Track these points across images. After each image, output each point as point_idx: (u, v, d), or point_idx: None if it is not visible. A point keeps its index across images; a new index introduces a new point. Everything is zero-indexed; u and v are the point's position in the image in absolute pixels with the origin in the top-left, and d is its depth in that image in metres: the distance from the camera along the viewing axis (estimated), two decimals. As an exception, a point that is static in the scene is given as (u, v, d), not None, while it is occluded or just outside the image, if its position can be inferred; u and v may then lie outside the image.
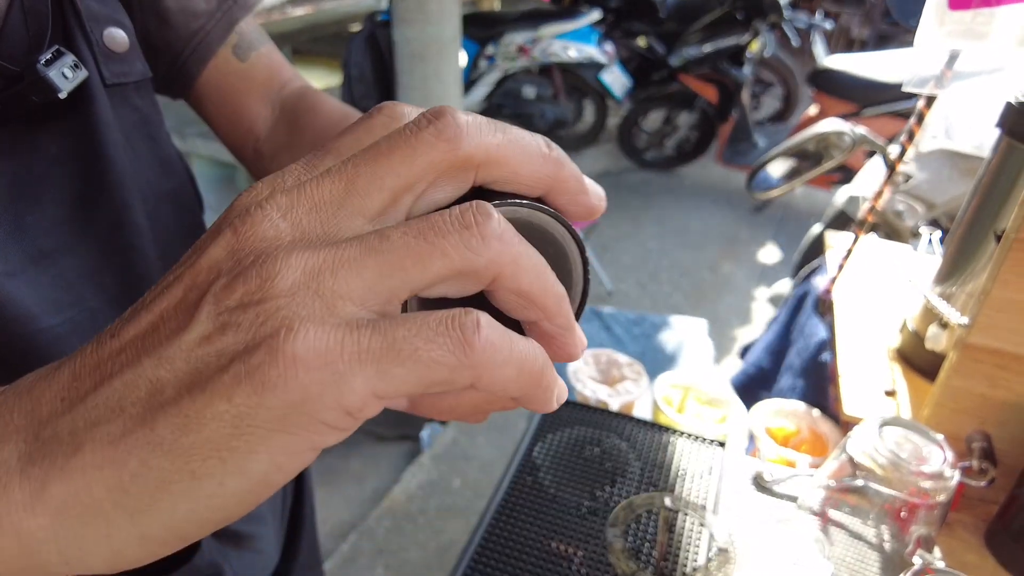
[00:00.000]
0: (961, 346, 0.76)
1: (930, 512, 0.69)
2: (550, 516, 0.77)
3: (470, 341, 0.20)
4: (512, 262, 0.21)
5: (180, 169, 0.60)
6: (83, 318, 0.49)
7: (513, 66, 4.45)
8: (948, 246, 0.92)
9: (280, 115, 0.64)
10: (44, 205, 0.47)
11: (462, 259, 0.20)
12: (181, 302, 0.20)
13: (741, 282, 3.40)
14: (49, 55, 0.44)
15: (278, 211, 0.21)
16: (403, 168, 0.22)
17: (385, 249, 0.20)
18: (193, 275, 0.21)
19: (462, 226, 0.20)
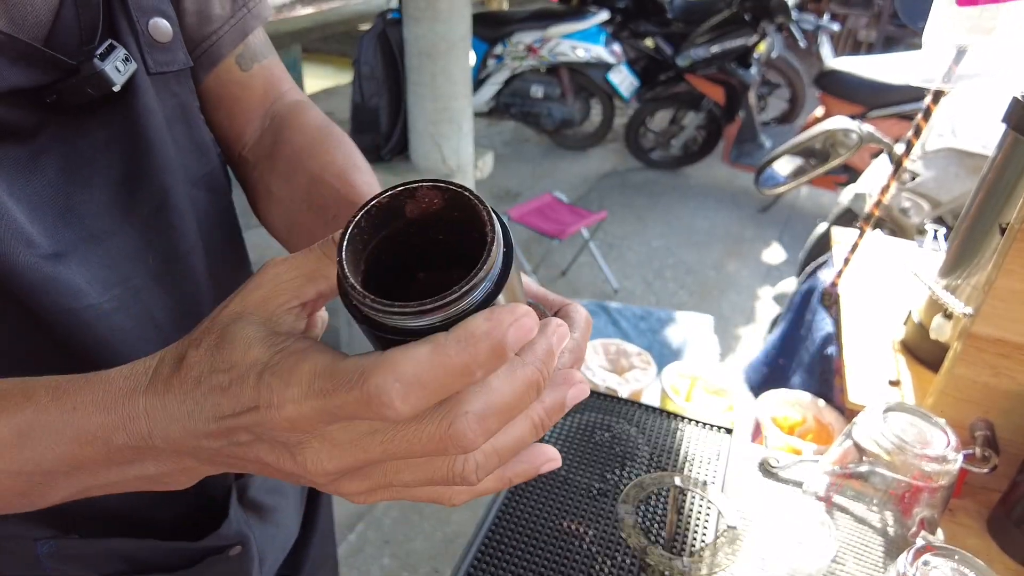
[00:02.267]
0: (965, 336, 0.78)
1: (933, 495, 0.71)
2: (561, 497, 0.78)
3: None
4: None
5: (214, 155, 0.62)
6: (128, 296, 0.51)
7: (521, 65, 4.47)
8: (953, 240, 0.94)
9: (268, 126, 0.66)
10: (92, 188, 0.49)
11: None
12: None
13: (746, 281, 3.42)
14: (103, 48, 0.46)
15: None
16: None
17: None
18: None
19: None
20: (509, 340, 0.26)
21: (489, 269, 0.26)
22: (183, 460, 0.32)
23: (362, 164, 0.60)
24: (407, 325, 0.26)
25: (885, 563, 0.76)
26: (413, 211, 0.29)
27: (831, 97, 3.32)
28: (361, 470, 0.29)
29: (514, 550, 0.72)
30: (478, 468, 0.29)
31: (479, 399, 0.27)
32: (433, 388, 0.25)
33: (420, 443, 0.27)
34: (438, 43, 3.10)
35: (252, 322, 0.30)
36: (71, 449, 0.32)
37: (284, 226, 0.61)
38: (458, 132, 3.22)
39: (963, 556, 0.60)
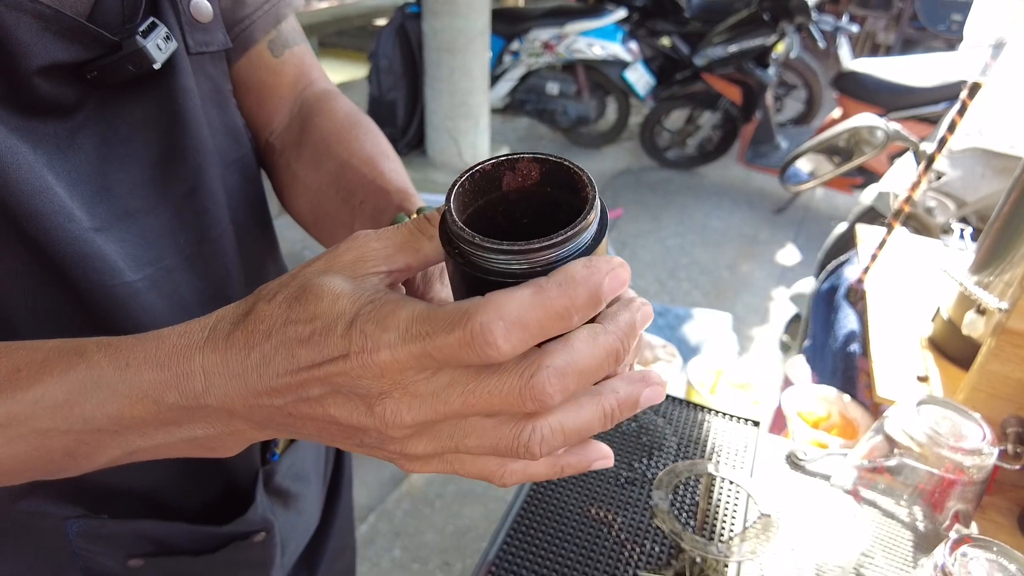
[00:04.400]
0: (1000, 331, 0.77)
1: (967, 489, 0.70)
2: (589, 484, 0.79)
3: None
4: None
5: (246, 140, 0.62)
6: (160, 276, 0.51)
7: (537, 62, 4.47)
8: (985, 237, 0.94)
9: (296, 113, 0.66)
10: (129, 167, 0.49)
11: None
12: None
13: (760, 282, 3.41)
14: (144, 26, 0.46)
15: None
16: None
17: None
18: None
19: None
20: (605, 287, 0.26)
21: (592, 220, 0.27)
22: (234, 423, 0.32)
23: (390, 151, 0.61)
24: (509, 267, 0.27)
25: (915, 557, 0.75)
26: (510, 183, 0.30)
27: (849, 99, 3.30)
28: (433, 427, 0.30)
29: (543, 535, 0.72)
30: (543, 441, 0.29)
31: (561, 356, 0.27)
32: (533, 329, 0.26)
33: (500, 395, 0.27)
34: (457, 38, 3.10)
35: (340, 277, 0.30)
36: (121, 407, 0.32)
37: (311, 212, 0.61)
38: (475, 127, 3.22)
39: (1001, 548, 0.60)
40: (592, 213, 0.27)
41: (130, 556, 0.56)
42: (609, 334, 0.28)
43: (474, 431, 0.29)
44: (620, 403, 0.30)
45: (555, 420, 0.29)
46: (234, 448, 0.35)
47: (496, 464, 0.32)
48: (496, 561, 0.69)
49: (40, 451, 0.33)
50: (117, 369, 0.32)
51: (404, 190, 0.55)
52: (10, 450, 0.33)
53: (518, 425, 0.29)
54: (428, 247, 0.32)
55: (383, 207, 0.54)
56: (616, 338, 0.28)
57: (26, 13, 0.40)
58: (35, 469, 0.35)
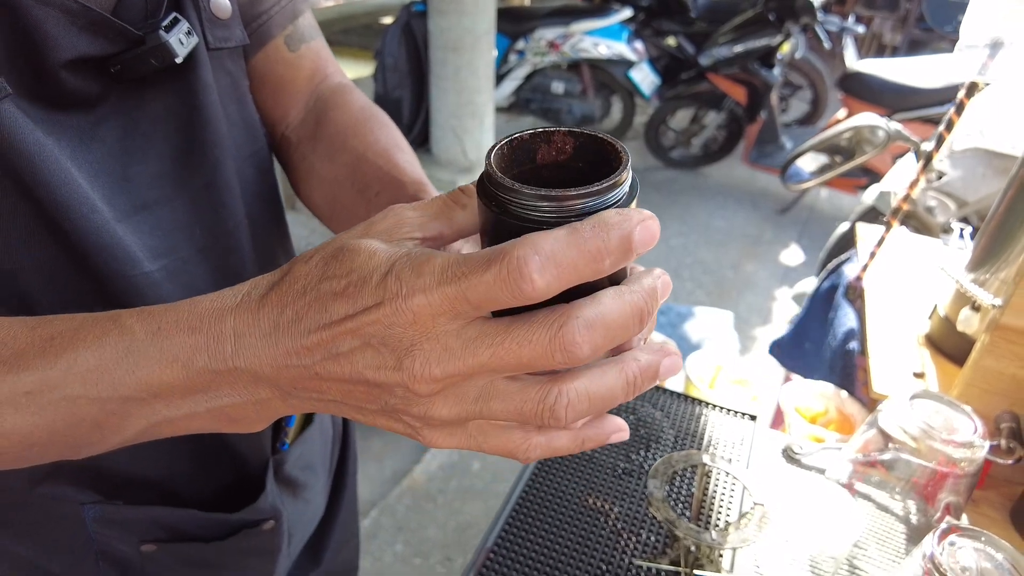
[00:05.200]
0: (994, 327, 0.78)
1: (959, 482, 0.71)
2: (587, 475, 0.80)
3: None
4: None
5: (261, 134, 0.63)
6: (176, 266, 0.53)
7: (542, 61, 4.48)
8: (981, 235, 0.94)
9: (312, 107, 0.67)
10: (147, 159, 0.51)
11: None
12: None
13: (763, 282, 3.41)
14: (167, 21, 0.47)
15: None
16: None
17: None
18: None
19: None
20: (637, 235, 0.27)
21: (625, 179, 0.29)
22: (260, 389, 0.32)
23: (404, 144, 0.62)
24: (545, 215, 0.28)
25: (908, 550, 0.76)
26: (544, 156, 0.31)
27: (854, 99, 3.30)
28: (461, 386, 0.29)
29: (540, 524, 0.73)
30: (569, 405, 0.29)
31: (590, 308, 0.27)
32: (567, 268, 0.26)
33: (529, 347, 0.27)
34: (463, 37, 3.11)
35: (377, 240, 0.31)
36: (152, 372, 0.32)
37: (327, 204, 0.62)
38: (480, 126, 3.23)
39: (990, 538, 0.61)
40: (626, 172, 0.29)
41: (143, 541, 0.57)
42: (635, 293, 0.29)
43: (500, 394, 0.29)
44: (642, 370, 0.30)
45: (581, 384, 0.29)
46: (257, 421, 0.35)
47: (520, 438, 0.32)
48: (494, 548, 0.71)
49: (69, 420, 0.33)
50: (149, 334, 0.32)
51: (419, 181, 0.56)
52: (40, 419, 0.33)
53: (544, 387, 0.29)
54: (461, 217, 0.33)
55: (398, 198, 0.54)
56: (641, 297, 0.29)
57: (54, 7, 0.41)
58: (62, 442, 0.35)
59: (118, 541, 0.56)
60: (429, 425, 0.31)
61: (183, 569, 0.60)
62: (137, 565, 0.58)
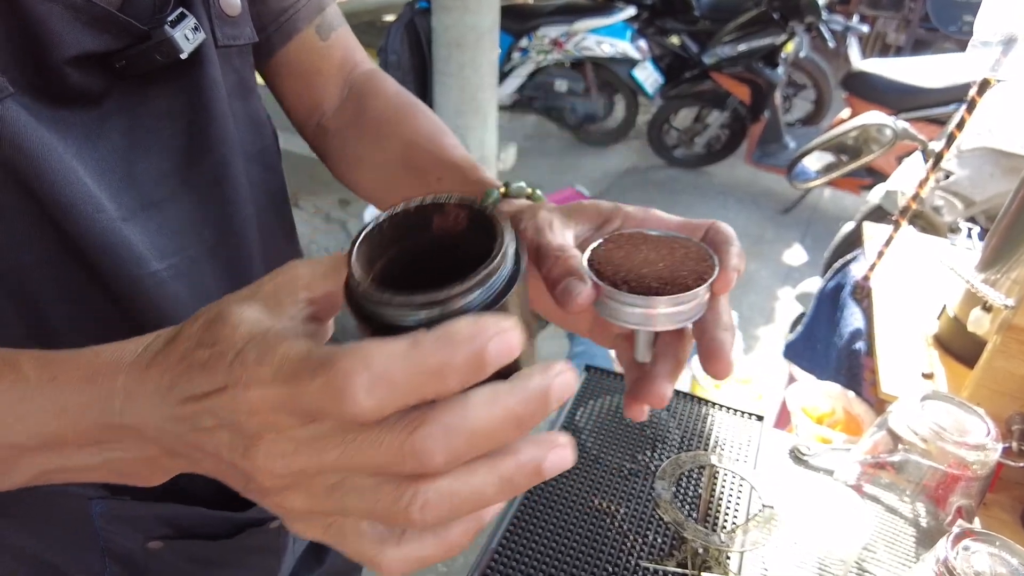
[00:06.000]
0: (1006, 328, 0.77)
1: (970, 484, 0.70)
2: (592, 475, 0.79)
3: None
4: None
5: (268, 131, 0.63)
6: (184, 265, 0.52)
7: (546, 59, 4.47)
8: (992, 236, 0.93)
9: (349, 94, 0.67)
10: (153, 156, 0.50)
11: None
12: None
13: (766, 282, 3.40)
14: (173, 16, 0.47)
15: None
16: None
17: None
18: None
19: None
20: (491, 350, 0.24)
21: (488, 277, 0.26)
22: (147, 447, 0.31)
23: (446, 127, 0.63)
24: (396, 319, 0.26)
25: (917, 553, 0.75)
26: (439, 225, 0.30)
27: (858, 99, 3.28)
28: (311, 481, 0.27)
29: (545, 525, 0.72)
30: (425, 506, 0.25)
31: (451, 413, 0.24)
32: (402, 387, 0.23)
33: (378, 451, 0.24)
34: (467, 34, 3.10)
35: (254, 305, 0.29)
36: (42, 421, 0.31)
37: (379, 187, 0.65)
38: (483, 124, 3.22)
39: (1004, 542, 0.60)
40: (493, 265, 0.26)
41: (149, 538, 0.56)
42: (513, 397, 0.25)
43: (354, 490, 0.26)
44: (520, 467, 0.26)
45: (443, 484, 0.25)
46: (152, 477, 0.34)
47: (373, 547, 0.28)
48: (498, 549, 0.70)
49: None
50: (43, 382, 0.31)
51: (471, 163, 0.57)
52: None
53: (400, 487, 0.25)
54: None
55: (459, 184, 0.56)
56: (520, 402, 0.25)
57: (58, 3, 0.41)
58: None
59: (123, 538, 0.56)
60: (287, 513, 0.29)
61: (188, 566, 0.59)
62: (142, 562, 0.57)
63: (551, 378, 0.26)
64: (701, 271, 0.42)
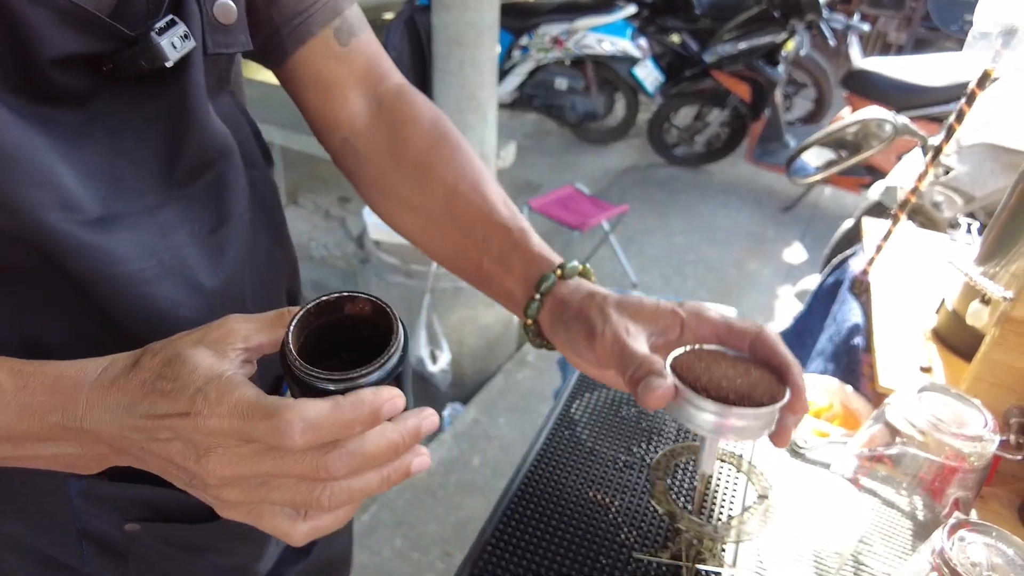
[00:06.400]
0: (1004, 320, 0.77)
1: (967, 476, 0.70)
2: (587, 467, 0.78)
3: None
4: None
5: (245, 126, 0.61)
6: (172, 264, 0.51)
7: (546, 57, 4.47)
8: (991, 228, 0.93)
9: (379, 115, 0.65)
10: (140, 159, 0.50)
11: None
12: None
13: (766, 279, 3.40)
14: (163, 23, 0.46)
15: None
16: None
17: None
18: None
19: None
20: (384, 410, 0.37)
21: (383, 365, 0.38)
22: (99, 447, 0.40)
23: (485, 171, 0.64)
24: (320, 387, 0.37)
25: (914, 546, 0.75)
26: (351, 310, 0.42)
27: (858, 98, 3.28)
28: (245, 481, 0.37)
29: (539, 517, 0.72)
30: (331, 497, 0.37)
31: (353, 442, 0.37)
32: (324, 432, 0.35)
33: (300, 466, 0.36)
34: (467, 31, 3.09)
35: (206, 351, 0.39)
36: (9, 419, 0.39)
37: (422, 234, 0.66)
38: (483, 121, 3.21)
39: (1001, 533, 0.59)
40: (388, 357, 0.39)
41: (126, 520, 0.56)
42: (396, 432, 0.38)
43: (280, 487, 0.38)
44: (395, 470, 0.40)
45: (344, 483, 0.37)
46: (95, 468, 0.43)
47: (287, 524, 0.40)
48: (492, 540, 0.69)
49: None
50: (17, 389, 0.40)
51: (522, 228, 0.60)
52: None
53: (315, 484, 0.37)
54: (281, 333, 0.41)
55: (508, 250, 0.60)
56: (400, 436, 0.38)
57: (44, 6, 0.41)
58: None
59: (101, 520, 0.55)
60: (220, 502, 0.39)
61: (167, 550, 0.59)
62: (120, 545, 0.57)
63: (422, 419, 0.40)
64: (774, 392, 0.50)
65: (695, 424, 0.50)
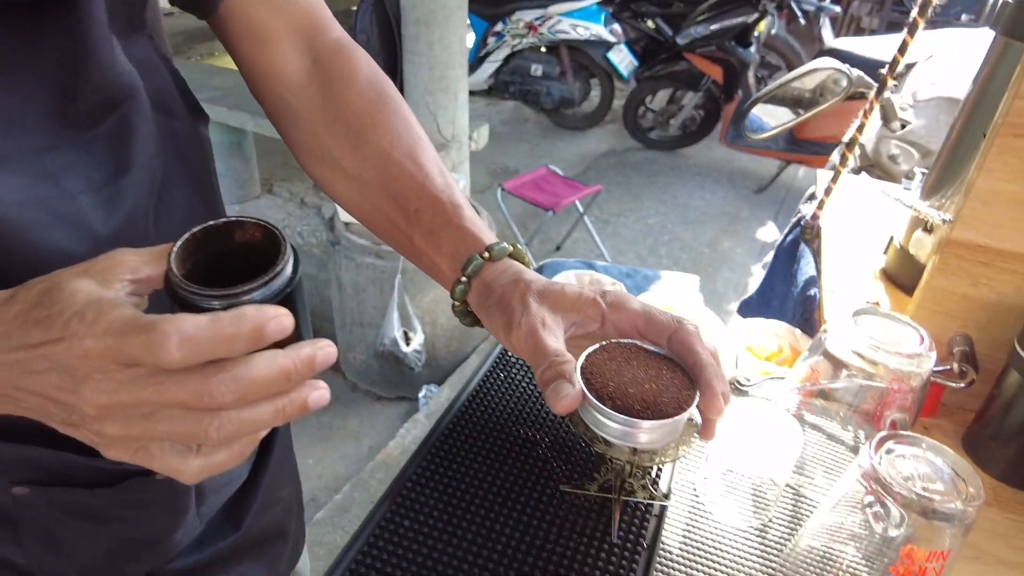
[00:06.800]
0: (944, 243, 0.75)
1: (905, 397, 0.68)
2: (519, 407, 0.76)
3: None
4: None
5: (163, 73, 0.57)
6: (68, 211, 0.47)
7: (521, 43, 4.44)
8: (934, 165, 0.91)
9: (314, 70, 0.61)
10: (27, 93, 0.45)
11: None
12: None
13: (740, 259, 3.39)
14: None
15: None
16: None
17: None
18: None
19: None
20: (270, 327, 0.34)
21: (268, 283, 0.36)
22: None
23: (423, 136, 0.62)
24: (202, 305, 0.35)
25: (854, 476, 0.73)
26: (240, 237, 0.40)
27: (831, 75, 3.27)
28: (127, 411, 0.35)
29: (465, 455, 0.69)
30: (220, 427, 0.34)
31: (239, 367, 0.34)
32: (203, 346, 0.32)
33: (184, 392, 0.33)
34: (436, 11, 3.06)
35: (88, 280, 0.36)
36: None
37: (357, 204, 0.63)
38: (454, 102, 3.18)
39: (931, 443, 0.57)
40: (274, 270, 0.37)
41: (13, 483, 0.51)
42: (287, 358, 0.35)
43: (166, 418, 0.35)
44: (291, 402, 0.36)
45: (234, 413, 0.35)
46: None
47: (179, 461, 0.37)
48: (413, 477, 0.66)
49: None
50: None
51: (455, 203, 0.58)
52: None
53: (202, 415, 0.34)
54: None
55: (439, 225, 0.57)
56: (291, 363, 0.35)
57: None
58: None
59: None
60: (103, 439, 0.36)
61: (63, 517, 0.53)
62: (8, 510, 0.51)
63: (316, 350, 0.36)
64: (682, 400, 0.51)
65: (601, 431, 0.52)
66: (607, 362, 0.54)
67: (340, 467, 2.39)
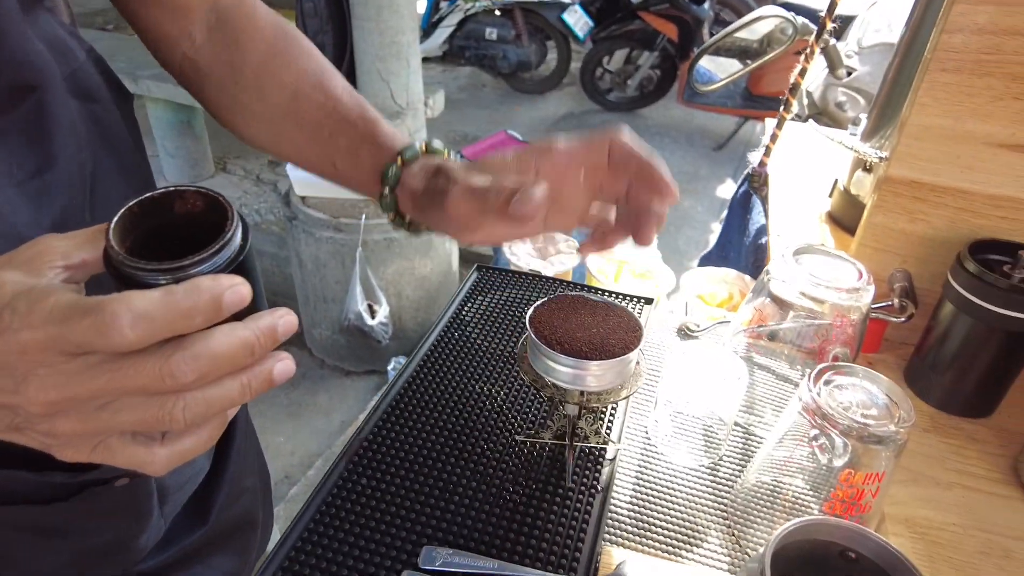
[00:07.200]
0: (882, 181, 0.76)
1: (845, 331, 0.70)
2: (476, 363, 0.76)
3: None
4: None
5: (76, 54, 0.54)
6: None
7: (474, 7, 4.37)
8: (873, 106, 0.93)
9: (217, 26, 0.60)
10: None
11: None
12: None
13: (701, 216, 3.42)
14: None
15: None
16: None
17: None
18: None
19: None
20: (227, 297, 0.31)
21: (218, 251, 0.34)
22: None
23: (329, 66, 0.61)
24: (148, 280, 0.33)
25: (801, 412, 0.75)
26: (181, 208, 0.37)
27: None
28: (80, 406, 0.32)
29: (421, 412, 0.69)
30: (186, 409, 0.32)
31: (198, 343, 0.31)
32: (159, 323, 0.30)
33: (142, 376, 0.30)
34: (382, -25, 2.99)
35: (14, 271, 0.33)
36: None
37: (270, 141, 0.63)
38: (406, 68, 3.12)
39: (866, 372, 0.59)
40: (223, 241, 0.34)
41: None
42: (247, 330, 0.33)
43: (125, 407, 0.32)
44: (256, 376, 0.34)
45: (199, 393, 0.32)
46: None
47: (144, 452, 0.34)
48: (369, 437, 0.67)
49: None
50: None
51: (365, 117, 0.58)
52: None
53: (165, 398, 0.32)
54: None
55: (355, 145, 0.57)
56: (252, 334, 0.33)
57: None
58: None
59: None
60: (56, 439, 0.33)
61: (18, 536, 0.50)
62: None
63: (277, 319, 0.34)
64: (628, 341, 0.55)
65: (552, 376, 0.54)
66: (555, 311, 0.57)
67: (312, 443, 2.38)
